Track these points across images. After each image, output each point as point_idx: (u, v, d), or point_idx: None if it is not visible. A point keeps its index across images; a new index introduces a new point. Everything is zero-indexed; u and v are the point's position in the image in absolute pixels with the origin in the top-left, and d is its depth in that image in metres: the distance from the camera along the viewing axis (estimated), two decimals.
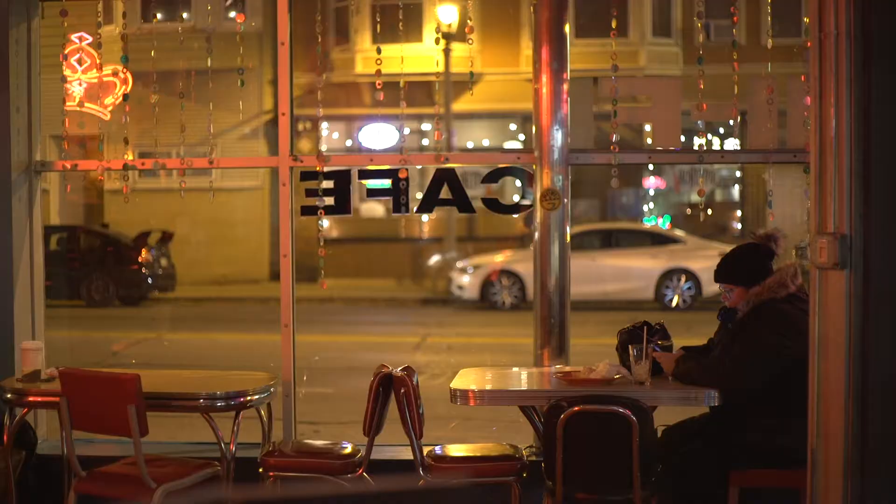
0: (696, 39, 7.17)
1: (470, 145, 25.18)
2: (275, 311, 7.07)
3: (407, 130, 6.94)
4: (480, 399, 5.81)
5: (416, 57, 7.08)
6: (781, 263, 5.83)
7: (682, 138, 6.79)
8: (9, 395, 6.20)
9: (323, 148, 6.09)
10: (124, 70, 7.06)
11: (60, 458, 6.59)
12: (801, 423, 4.99)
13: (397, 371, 5.83)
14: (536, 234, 6.70)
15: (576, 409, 5.38)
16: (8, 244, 6.95)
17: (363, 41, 23.49)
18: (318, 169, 6.84)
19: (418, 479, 5.86)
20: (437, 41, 8.23)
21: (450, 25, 18.70)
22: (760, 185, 24.09)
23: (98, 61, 7.06)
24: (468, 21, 7.08)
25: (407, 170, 6.78)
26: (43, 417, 7.27)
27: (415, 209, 6.92)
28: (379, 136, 20.10)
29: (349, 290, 20.58)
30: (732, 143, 18.25)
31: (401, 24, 6.93)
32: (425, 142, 23.37)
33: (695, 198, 24.57)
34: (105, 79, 7.09)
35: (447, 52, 18.89)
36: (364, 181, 6.94)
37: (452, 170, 6.82)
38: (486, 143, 25.52)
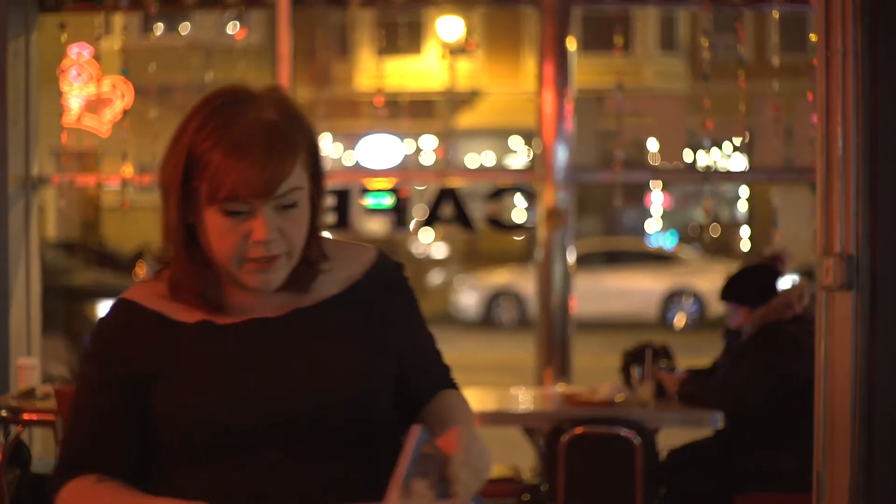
0: (702, 56, 7.12)
1: (473, 161, 25.15)
2: None
3: (409, 147, 6.91)
4: (481, 420, 5.72)
5: (418, 73, 7.04)
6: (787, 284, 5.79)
7: (689, 155, 6.74)
8: (3, 413, 6.14)
9: None
10: (124, 82, 7.02)
11: None
12: (807, 447, 4.92)
13: None
14: (539, 253, 6.63)
15: (578, 431, 5.31)
16: (4, 259, 6.90)
17: (365, 57, 23.49)
18: None
19: None
20: (442, 56, 8.20)
21: (454, 41, 18.69)
22: (767, 204, 24.07)
23: (97, 75, 7.01)
24: (472, 37, 7.04)
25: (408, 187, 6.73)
26: (38, 436, 7.20)
27: (416, 227, 6.87)
28: (380, 152, 20.09)
29: None
30: (738, 161, 18.21)
31: (402, 39, 6.89)
32: (427, 158, 23.34)
33: (700, 216, 24.54)
34: (104, 93, 7.05)
35: (450, 68, 18.88)
36: (365, 198, 6.89)
37: (454, 187, 6.76)
38: (489, 157, 25.47)
